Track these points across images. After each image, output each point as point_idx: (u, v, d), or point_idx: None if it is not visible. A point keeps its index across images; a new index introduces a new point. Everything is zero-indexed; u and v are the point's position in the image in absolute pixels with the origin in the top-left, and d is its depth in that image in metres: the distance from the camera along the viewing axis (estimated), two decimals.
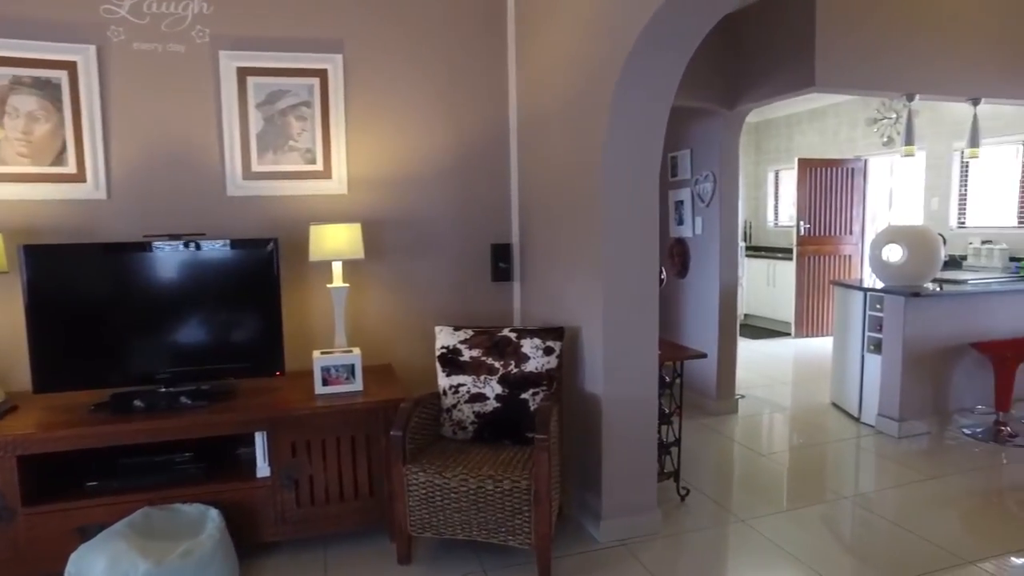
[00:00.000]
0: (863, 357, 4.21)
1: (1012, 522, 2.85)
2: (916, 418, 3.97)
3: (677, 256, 4.73)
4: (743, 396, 4.72)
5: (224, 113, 3.00)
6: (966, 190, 6.16)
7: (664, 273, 2.98)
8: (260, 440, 2.59)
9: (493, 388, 2.71)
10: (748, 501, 3.07)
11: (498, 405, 2.69)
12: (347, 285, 2.99)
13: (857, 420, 4.23)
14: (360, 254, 2.96)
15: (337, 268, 2.98)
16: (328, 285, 3.01)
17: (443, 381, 2.78)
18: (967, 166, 6.12)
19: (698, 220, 4.48)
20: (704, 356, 3.06)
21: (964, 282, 4.31)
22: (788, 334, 7.13)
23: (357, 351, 2.80)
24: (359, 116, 3.19)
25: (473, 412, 2.72)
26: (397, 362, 3.31)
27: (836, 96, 6.82)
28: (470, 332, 2.80)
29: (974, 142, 4.24)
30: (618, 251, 2.62)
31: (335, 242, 2.90)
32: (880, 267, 4.20)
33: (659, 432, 2.88)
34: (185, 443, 2.58)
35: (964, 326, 4.05)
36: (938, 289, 4.01)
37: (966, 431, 3.98)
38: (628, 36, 2.38)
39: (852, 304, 4.34)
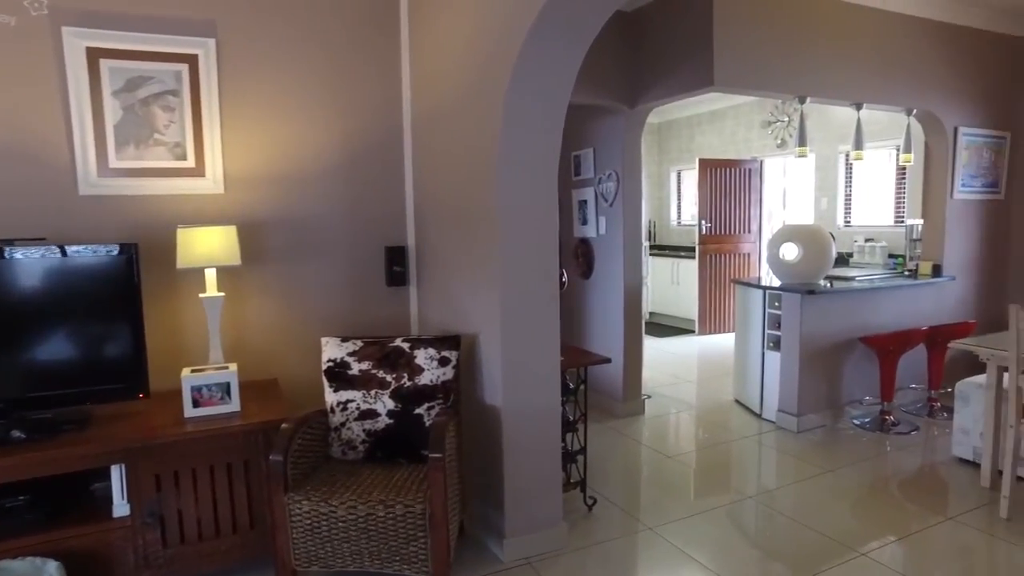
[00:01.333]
0: (763, 354, 4.30)
1: (895, 507, 2.99)
2: (813, 412, 4.09)
3: (582, 256, 4.67)
4: (649, 396, 4.73)
5: (72, 100, 2.62)
6: (851, 191, 6.51)
7: (565, 276, 2.87)
8: (117, 474, 2.27)
9: (385, 404, 2.50)
10: (655, 506, 3.02)
11: (391, 422, 2.49)
12: (222, 294, 2.69)
13: (759, 416, 4.31)
14: (236, 260, 2.67)
15: (211, 276, 2.67)
16: (200, 295, 2.70)
17: (331, 397, 2.54)
18: (852, 168, 6.46)
19: (602, 220, 4.44)
20: (608, 361, 2.98)
21: (852, 279, 4.50)
22: (692, 331, 7.29)
23: (233, 367, 2.51)
24: (237, 108, 2.89)
25: (363, 430, 2.50)
26: (284, 377, 3.03)
27: (735, 98, 7.04)
28: (359, 343, 2.57)
29: (858, 145, 4.43)
30: (516, 253, 2.48)
31: (207, 247, 2.60)
32: (777, 265, 4.31)
33: (564, 441, 2.77)
34: (23, 484, 2.20)
35: (853, 321, 4.22)
36: (830, 286, 4.16)
37: (856, 422, 4.14)
38: (519, 31, 2.26)
39: (752, 302, 4.43)
